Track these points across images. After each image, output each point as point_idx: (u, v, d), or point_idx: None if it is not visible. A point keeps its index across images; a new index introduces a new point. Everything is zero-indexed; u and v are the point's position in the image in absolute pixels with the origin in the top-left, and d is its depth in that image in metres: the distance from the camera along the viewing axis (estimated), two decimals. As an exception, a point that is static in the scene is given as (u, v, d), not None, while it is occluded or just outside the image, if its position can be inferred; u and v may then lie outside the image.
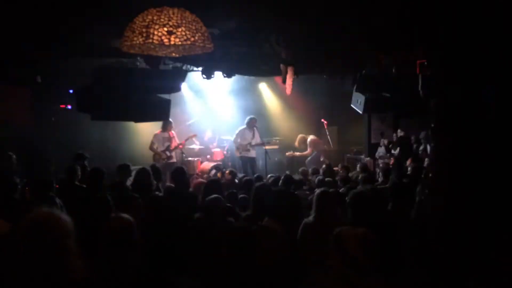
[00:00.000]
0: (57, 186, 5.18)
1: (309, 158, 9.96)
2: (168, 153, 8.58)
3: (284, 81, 8.37)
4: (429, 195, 3.97)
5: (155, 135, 8.63)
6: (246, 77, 9.76)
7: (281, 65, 7.73)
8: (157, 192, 5.00)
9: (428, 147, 7.88)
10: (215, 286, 2.83)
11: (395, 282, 2.62)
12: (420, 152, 8.25)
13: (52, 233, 1.66)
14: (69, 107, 8.97)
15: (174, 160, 8.69)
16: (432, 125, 3.61)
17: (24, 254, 1.63)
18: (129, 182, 5.74)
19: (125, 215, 2.49)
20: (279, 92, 10.89)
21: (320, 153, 10.03)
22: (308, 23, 5.87)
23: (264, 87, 11.46)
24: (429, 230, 3.42)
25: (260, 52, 7.12)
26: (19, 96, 8.51)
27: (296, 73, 7.94)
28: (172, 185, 5.64)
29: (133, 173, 5.74)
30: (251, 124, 9.09)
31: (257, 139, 9.12)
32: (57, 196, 4.49)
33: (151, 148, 8.55)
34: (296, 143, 10.38)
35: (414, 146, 8.69)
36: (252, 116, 9.26)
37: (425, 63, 5.40)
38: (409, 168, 6.50)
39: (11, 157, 6.69)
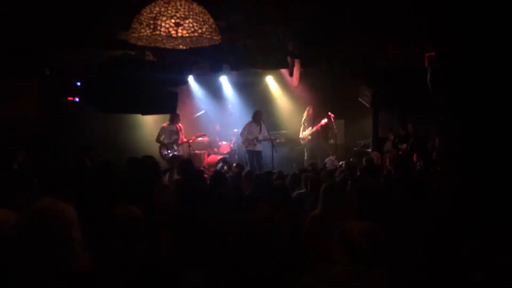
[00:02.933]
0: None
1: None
2: (175, 146, 8.59)
3: (291, 74, 8.34)
4: (436, 189, 3.94)
5: (162, 128, 8.63)
6: (252, 70, 9.72)
7: (288, 58, 7.71)
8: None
9: (437, 141, 7.83)
10: (221, 278, 2.84)
11: (400, 276, 2.61)
12: (428, 147, 8.18)
13: (55, 221, 1.66)
14: (77, 99, 9.01)
15: (181, 153, 8.71)
16: (441, 119, 3.58)
17: (27, 243, 1.64)
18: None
19: (132, 207, 2.48)
20: (286, 85, 10.83)
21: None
22: (316, 15, 5.84)
23: (270, 80, 11.41)
24: (436, 224, 3.40)
25: (267, 45, 7.09)
26: (27, 89, 8.58)
27: (303, 66, 7.91)
28: (180, 177, 5.65)
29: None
30: (257, 118, 9.00)
31: (264, 133, 9.06)
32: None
33: (157, 140, 8.56)
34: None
35: (423, 141, 8.62)
36: (258, 109, 9.17)
37: (434, 56, 5.34)
38: (417, 163, 6.46)
39: (19, 149, 6.74)
